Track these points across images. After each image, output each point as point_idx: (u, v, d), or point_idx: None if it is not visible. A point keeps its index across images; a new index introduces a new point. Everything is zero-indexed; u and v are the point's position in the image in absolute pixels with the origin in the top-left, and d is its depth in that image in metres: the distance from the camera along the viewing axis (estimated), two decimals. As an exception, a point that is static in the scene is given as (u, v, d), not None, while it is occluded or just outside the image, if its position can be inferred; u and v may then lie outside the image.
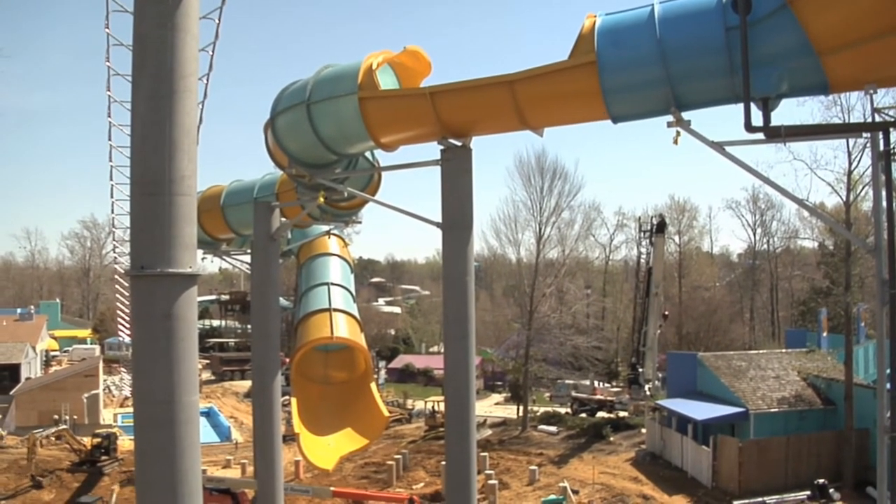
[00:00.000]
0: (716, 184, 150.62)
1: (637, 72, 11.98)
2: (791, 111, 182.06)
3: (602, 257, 76.53)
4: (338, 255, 28.64)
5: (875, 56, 10.63)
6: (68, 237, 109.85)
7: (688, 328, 59.24)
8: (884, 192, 11.47)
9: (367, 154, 18.59)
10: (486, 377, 61.47)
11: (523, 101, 13.37)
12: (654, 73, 11.71)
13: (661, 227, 39.60)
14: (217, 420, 48.36)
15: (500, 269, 64.86)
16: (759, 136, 11.60)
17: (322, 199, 17.41)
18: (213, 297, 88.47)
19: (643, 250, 40.53)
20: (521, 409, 44.38)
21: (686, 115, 12.14)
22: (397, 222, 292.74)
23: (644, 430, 38.61)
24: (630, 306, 50.50)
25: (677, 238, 70.19)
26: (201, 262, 30.49)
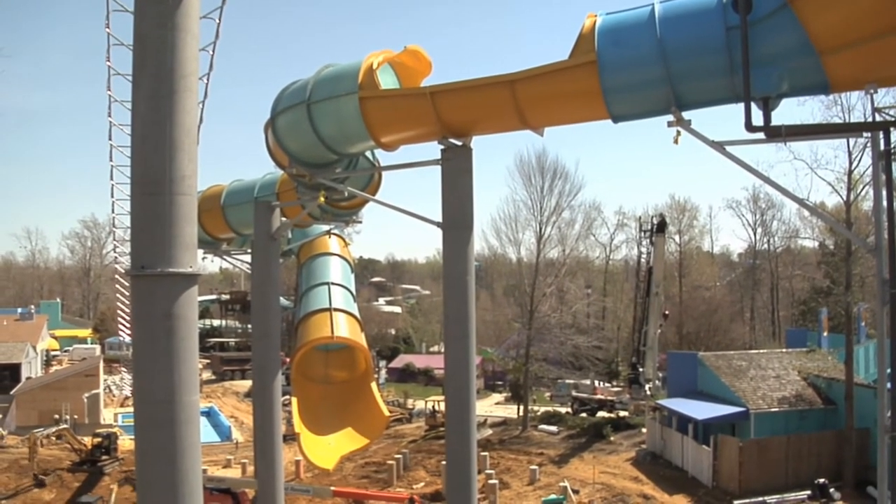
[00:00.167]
0: (716, 183, 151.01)
1: (637, 71, 11.98)
2: (791, 111, 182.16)
3: (602, 257, 76.67)
4: (338, 255, 28.64)
5: (875, 56, 10.62)
6: (69, 237, 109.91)
7: (688, 328, 59.24)
8: (884, 192, 11.46)
9: (368, 154, 18.57)
10: (486, 377, 61.49)
11: (524, 100, 13.36)
12: (655, 73, 11.70)
13: (661, 226, 39.54)
14: (217, 420, 48.39)
15: (501, 269, 64.92)
16: (760, 135, 11.59)
17: (322, 199, 17.41)
18: (213, 297, 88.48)
19: (644, 250, 40.48)
20: (521, 408, 44.39)
21: (686, 115, 12.13)
22: (398, 222, 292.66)
23: (644, 430, 38.62)
24: (630, 306, 50.44)
25: (678, 238, 70.25)
26: (202, 262, 30.53)
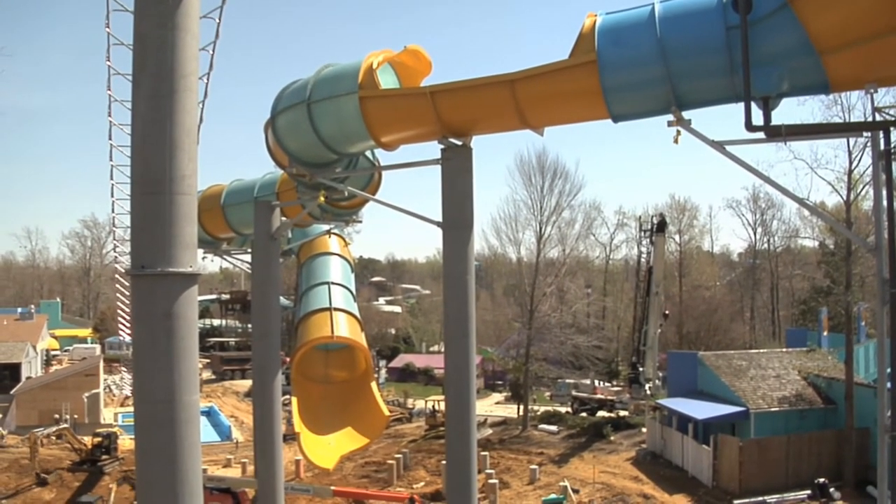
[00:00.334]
0: (716, 183, 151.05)
1: (637, 71, 11.98)
2: (791, 110, 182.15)
3: (602, 256, 76.71)
4: (338, 255, 28.65)
5: (875, 55, 10.62)
6: (69, 236, 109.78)
7: (688, 327, 59.23)
8: (884, 192, 11.46)
9: (368, 153, 18.58)
10: (486, 376, 61.50)
11: (524, 100, 13.36)
12: (655, 72, 11.70)
13: (661, 226, 39.52)
14: (217, 419, 48.40)
15: (501, 269, 64.93)
16: (760, 135, 11.59)
17: (322, 199, 17.41)
18: (213, 297, 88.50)
19: (644, 249, 40.45)
20: (521, 408, 44.38)
21: (686, 115, 12.13)
22: (398, 221, 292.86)
23: (644, 430, 38.61)
24: (630, 305, 50.44)
25: (678, 237, 70.18)
26: (202, 262, 30.54)
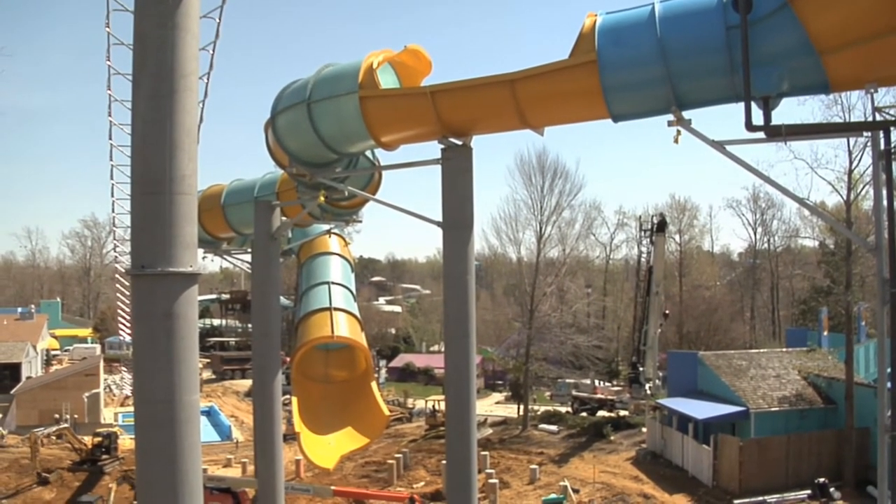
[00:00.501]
0: (716, 183, 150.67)
1: (638, 70, 11.98)
2: (792, 110, 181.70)
3: (603, 256, 76.69)
4: (338, 254, 28.64)
5: (875, 55, 10.62)
6: (69, 236, 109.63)
7: (688, 327, 59.21)
8: (884, 191, 11.46)
9: (368, 153, 18.59)
10: (486, 376, 61.50)
11: (524, 100, 13.36)
12: (655, 72, 11.70)
13: (661, 226, 39.49)
14: (218, 419, 48.40)
15: (501, 269, 64.94)
16: (760, 135, 11.59)
17: (322, 198, 17.41)
18: (213, 297, 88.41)
19: (644, 249, 40.43)
20: (521, 408, 44.37)
21: (687, 114, 12.13)
22: (398, 221, 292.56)
23: (645, 430, 38.61)
24: (630, 305, 50.43)
25: (678, 237, 70.18)
26: (202, 262, 30.54)
